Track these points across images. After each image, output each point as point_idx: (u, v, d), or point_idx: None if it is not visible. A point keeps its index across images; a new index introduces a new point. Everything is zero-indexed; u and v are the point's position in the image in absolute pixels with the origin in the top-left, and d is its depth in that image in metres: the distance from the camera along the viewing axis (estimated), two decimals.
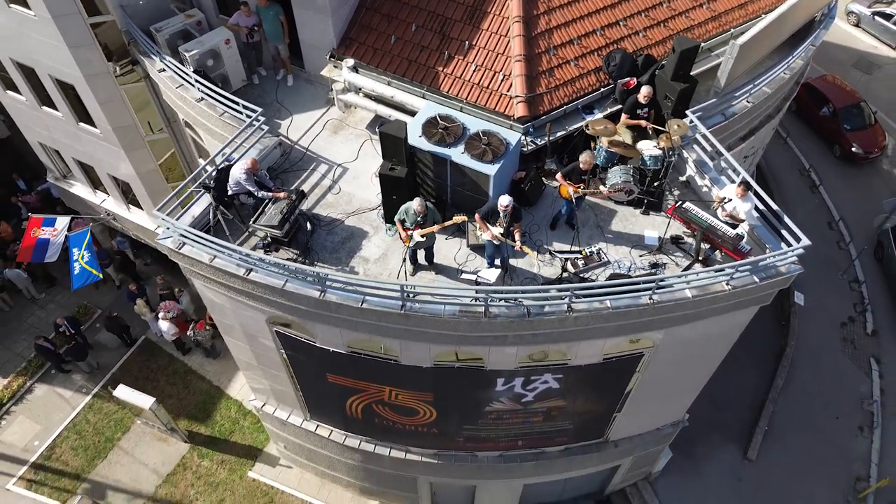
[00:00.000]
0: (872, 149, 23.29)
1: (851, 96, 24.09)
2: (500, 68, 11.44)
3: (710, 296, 9.90)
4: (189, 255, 10.24)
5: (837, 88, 24.32)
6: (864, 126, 23.48)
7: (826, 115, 23.95)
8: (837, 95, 24.01)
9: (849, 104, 23.76)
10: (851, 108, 23.70)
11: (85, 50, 13.44)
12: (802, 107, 24.62)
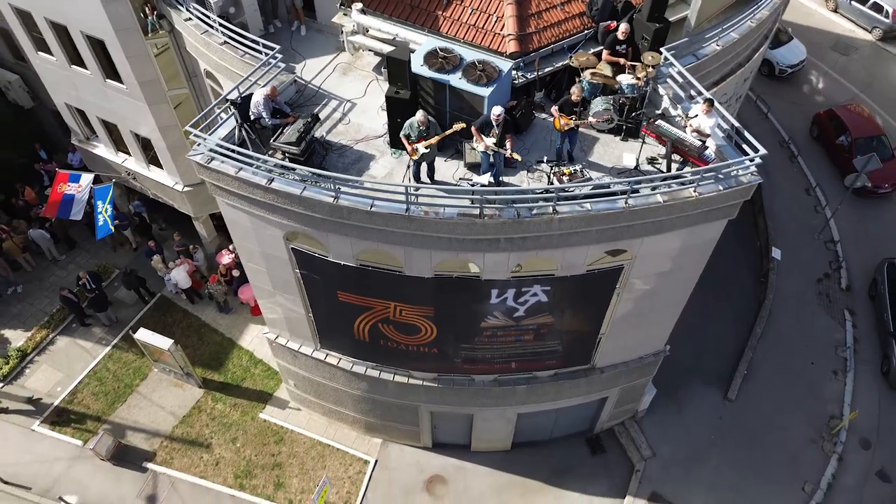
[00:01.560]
0: (883, 183, 22.72)
1: (871, 128, 23.73)
2: (494, 11, 12.78)
3: (679, 202, 11.17)
4: (217, 169, 11.51)
5: (859, 118, 23.90)
6: (881, 159, 21.95)
7: (843, 144, 23.49)
8: (857, 125, 23.50)
9: (866, 135, 23.31)
10: (869, 140, 23.16)
11: (116, 4, 14.77)
12: (822, 132, 24.32)
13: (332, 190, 11.01)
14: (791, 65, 26.54)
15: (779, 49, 26.52)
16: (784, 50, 26.58)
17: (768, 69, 26.62)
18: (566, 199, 10.88)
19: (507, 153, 10.80)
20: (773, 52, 26.40)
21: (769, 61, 26.48)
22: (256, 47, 12.84)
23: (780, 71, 26.57)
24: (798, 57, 26.63)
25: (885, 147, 23.23)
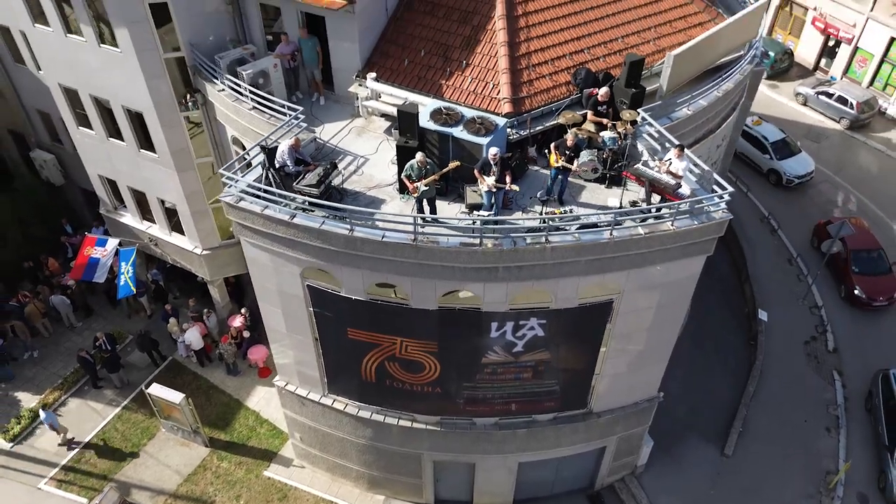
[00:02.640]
0: (878, 296, 22.93)
1: (869, 241, 24.06)
2: (491, 79, 14.67)
3: (658, 234, 12.46)
4: (245, 209, 12.89)
5: (858, 230, 23.94)
6: (876, 272, 23.22)
7: (840, 255, 23.91)
8: (855, 237, 23.52)
9: (863, 248, 23.72)
10: (865, 252, 23.62)
11: (158, 80, 16.76)
12: (821, 242, 24.12)
13: (347, 223, 12.32)
14: (798, 175, 27.33)
15: (787, 160, 27.49)
16: (793, 161, 27.53)
17: (776, 178, 27.64)
18: (557, 229, 12.16)
19: (506, 187, 12.20)
20: (782, 162, 27.39)
21: (776, 171, 27.58)
22: (281, 110, 14.60)
23: (788, 181, 27.36)
24: (806, 168, 27.41)
25: (883, 261, 23.54)
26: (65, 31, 17.06)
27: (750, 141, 28.43)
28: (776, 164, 27.60)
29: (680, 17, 16.83)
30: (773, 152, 27.78)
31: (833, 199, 27.66)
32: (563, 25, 15.63)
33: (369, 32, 15.51)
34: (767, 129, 28.56)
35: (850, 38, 31.75)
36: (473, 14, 15.47)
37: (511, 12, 15.30)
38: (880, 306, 23.25)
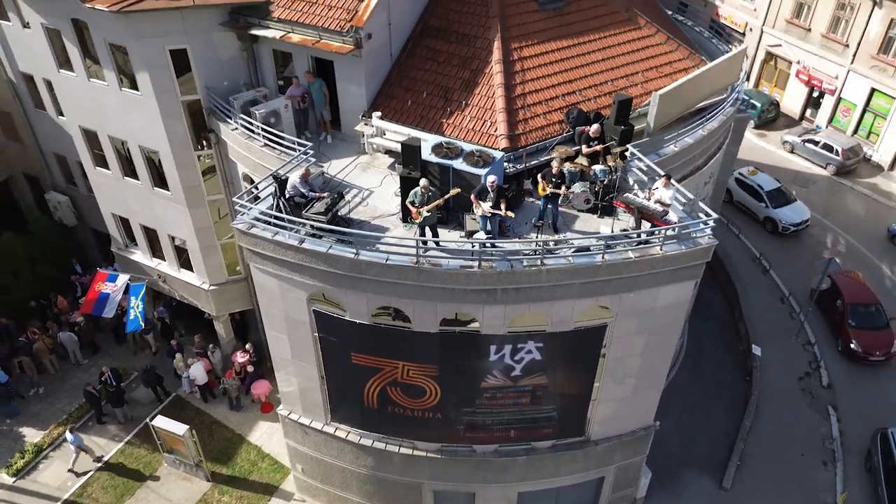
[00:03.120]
0: (874, 351, 22.93)
1: (866, 295, 24.21)
2: (488, 118, 15.65)
3: (648, 258, 13.15)
4: (256, 235, 13.61)
5: (855, 284, 24.49)
6: (873, 326, 23.33)
7: (838, 308, 24.11)
8: (851, 291, 24.08)
9: (860, 301, 23.85)
10: (863, 306, 23.73)
11: (174, 121, 17.76)
12: (821, 297, 24.47)
13: (353, 247, 13.03)
14: (794, 223, 27.87)
15: (783, 208, 28.11)
16: (788, 209, 28.12)
17: (772, 226, 28.19)
18: (551, 252, 12.86)
19: (502, 213, 12.96)
20: (777, 210, 28.02)
21: (773, 219, 28.20)
22: (292, 146, 15.52)
23: (784, 228, 27.92)
24: (801, 216, 27.96)
25: (881, 315, 23.58)
26: (88, 76, 18.18)
27: (746, 190, 29.33)
28: (772, 212, 28.33)
29: (665, 63, 17.96)
30: (769, 201, 28.54)
31: (823, 241, 28.44)
32: (556, 70, 16.72)
33: (375, 76, 16.58)
34: (763, 178, 29.48)
35: (833, 89, 33.18)
36: (472, 59, 16.57)
37: (507, 57, 16.41)
38: (877, 361, 23.08)
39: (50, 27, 17.97)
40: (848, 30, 31.80)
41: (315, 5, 16.16)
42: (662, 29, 18.81)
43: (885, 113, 31.58)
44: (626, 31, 18.09)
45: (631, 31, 18.16)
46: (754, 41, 36.40)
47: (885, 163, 32.01)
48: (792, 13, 34.15)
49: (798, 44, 34.23)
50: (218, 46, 17.02)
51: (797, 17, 34.00)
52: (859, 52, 31.57)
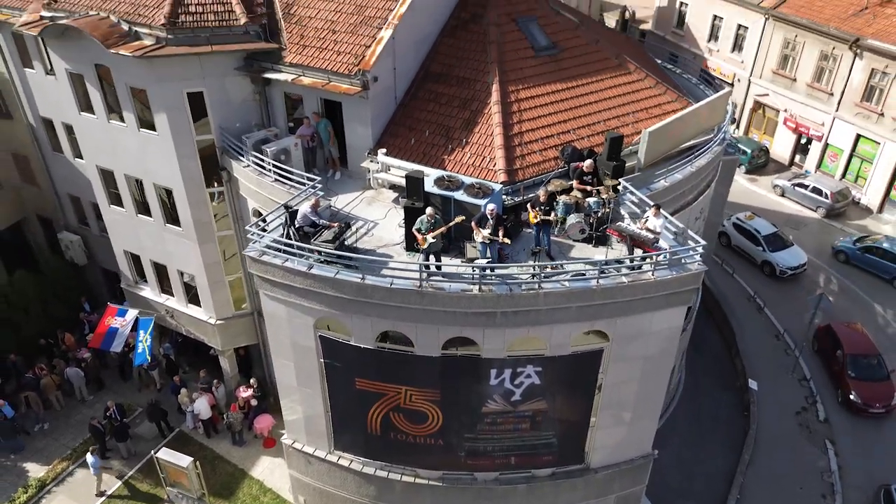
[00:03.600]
0: (874, 403, 22.75)
1: (866, 346, 24.05)
2: (487, 154, 16.52)
3: (641, 283, 13.78)
4: (267, 262, 14.28)
5: (855, 335, 24.39)
6: (873, 378, 23.16)
7: (838, 359, 24.04)
8: (851, 342, 24.01)
9: (861, 353, 23.72)
10: (863, 357, 23.60)
11: (189, 160, 18.66)
12: (822, 347, 24.95)
13: (359, 272, 13.68)
14: (791, 266, 28.37)
15: (780, 252, 28.69)
16: (785, 253, 28.73)
17: (770, 270, 28.71)
18: (548, 276, 13.50)
19: (500, 240, 13.65)
20: (775, 254, 28.59)
21: (770, 263, 28.79)
22: (301, 180, 16.35)
23: (781, 272, 28.42)
24: (798, 260, 28.50)
25: (881, 367, 23.44)
26: (108, 118, 19.19)
27: (744, 234, 30.00)
28: (769, 255, 28.87)
29: (654, 105, 18.97)
30: (766, 245, 29.15)
31: (815, 281, 29.07)
32: (551, 110, 17.70)
33: (380, 116, 17.56)
34: (759, 223, 30.18)
35: (820, 135, 34.42)
36: (472, 101, 17.58)
37: (505, 99, 17.41)
38: (878, 413, 22.91)
39: (74, 72, 19.06)
40: (832, 79, 33.23)
41: (325, 51, 17.26)
42: (652, 74, 19.92)
43: (870, 157, 32.69)
44: (616, 76, 19.17)
45: (621, 75, 19.24)
46: (742, 91, 37.90)
47: (874, 205, 32.93)
48: (777, 64, 35.71)
49: (784, 93, 35.67)
50: (232, 89, 18.06)
51: (783, 68, 35.54)
52: (843, 100, 32.91)
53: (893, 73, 30.57)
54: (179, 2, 17.31)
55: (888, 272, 28.47)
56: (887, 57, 30.56)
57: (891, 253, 28.47)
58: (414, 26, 17.81)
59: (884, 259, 28.61)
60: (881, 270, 28.71)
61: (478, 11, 19.16)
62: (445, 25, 19.20)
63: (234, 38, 17.49)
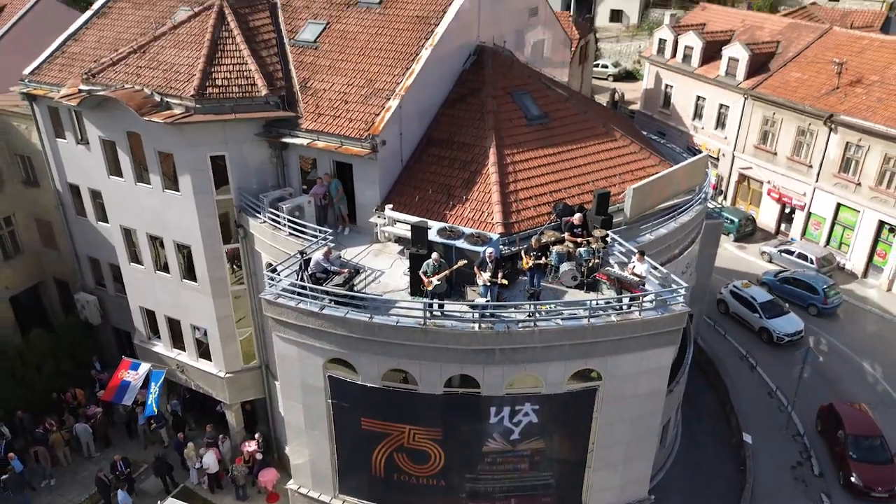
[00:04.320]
0: (876, 486, 22.00)
1: (869, 427, 23.51)
2: (485, 209, 17.95)
3: (629, 322, 14.85)
4: (282, 304, 15.40)
5: (858, 415, 23.95)
6: (875, 461, 22.54)
7: (839, 439, 23.53)
8: (854, 422, 23.50)
9: (862, 434, 23.16)
10: (865, 439, 23.02)
11: (209, 218, 20.09)
12: (825, 427, 24.62)
13: (367, 312, 14.78)
14: (788, 333, 28.86)
15: (776, 319, 29.32)
16: (782, 320, 29.31)
17: (768, 336, 29.26)
18: (544, 312, 14.61)
19: (498, 281, 14.83)
20: (771, 321, 29.21)
21: (767, 329, 29.41)
22: (314, 233, 17.70)
23: (778, 338, 28.92)
24: (795, 327, 29.06)
25: (884, 450, 22.84)
26: (135, 180, 20.77)
27: (741, 301, 30.82)
28: (766, 322, 29.54)
29: (639, 167, 20.56)
30: (763, 312, 29.74)
31: (804, 340, 29.94)
32: (544, 171, 19.28)
33: (387, 177, 19.12)
34: (756, 290, 30.85)
35: (803, 205, 36.15)
36: (471, 163, 19.18)
37: (501, 161, 19.01)
38: (880, 498, 22.07)
39: (107, 140, 20.79)
40: (810, 152, 35.30)
41: (338, 118, 19.03)
42: (636, 141, 21.68)
43: (852, 225, 34.26)
44: (603, 142, 20.89)
45: (608, 141, 20.97)
46: (728, 165, 40.03)
47: (859, 271, 34.21)
48: (759, 139, 37.95)
49: (766, 166, 37.72)
50: (252, 153, 19.72)
51: (764, 143, 37.75)
52: (822, 171, 34.86)
53: (867, 145, 32.61)
54: (207, 75, 19.23)
55: (803, 300, 31.44)
56: (860, 131, 32.68)
57: (803, 282, 31.65)
58: (419, 98, 19.66)
59: (797, 288, 31.77)
60: (796, 298, 31.53)
61: (476, 87, 21.12)
62: (447, 99, 21.11)
63: (256, 108, 19.30)
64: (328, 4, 22.30)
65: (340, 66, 20.41)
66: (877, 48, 35.80)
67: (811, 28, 39.63)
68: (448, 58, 20.82)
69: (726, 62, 39.36)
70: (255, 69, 19.74)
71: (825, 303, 30.92)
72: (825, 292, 31.00)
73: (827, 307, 30.95)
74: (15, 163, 27.10)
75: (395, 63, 19.83)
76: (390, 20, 21.12)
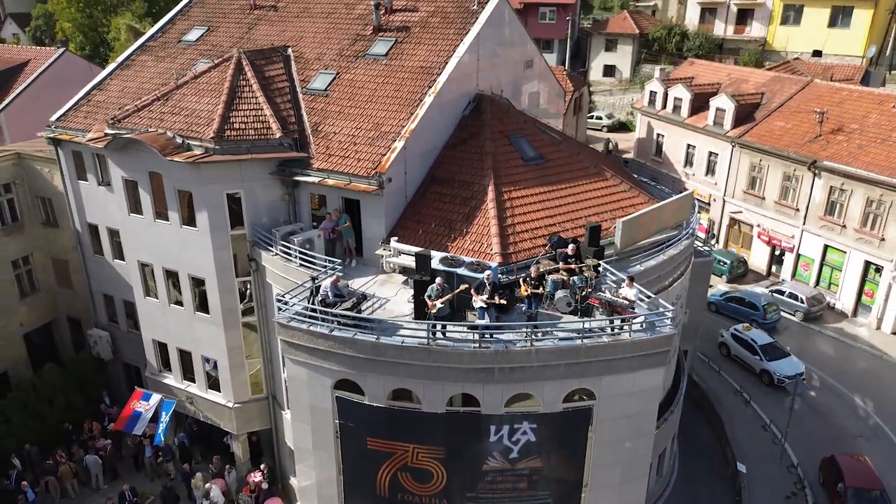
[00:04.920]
0: None
1: (870, 479, 23.18)
2: (485, 241, 19.15)
3: (620, 343, 15.83)
4: (294, 327, 16.41)
5: (859, 467, 23.66)
6: None
7: (839, 492, 23.21)
8: (854, 474, 23.18)
9: (862, 486, 22.81)
10: (865, 492, 22.68)
11: (223, 251, 21.27)
12: (826, 479, 24.37)
13: (374, 333, 15.79)
14: (788, 375, 28.74)
15: (777, 361, 29.56)
16: (783, 363, 29.52)
17: (769, 379, 29.39)
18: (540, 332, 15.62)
19: (496, 302, 15.87)
20: (772, 363, 29.46)
21: (768, 371, 29.72)
22: (323, 263, 18.84)
23: (779, 380, 28.96)
24: (795, 369, 29.00)
25: (884, 502, 22.50)
26: (154, 217, 22.04)
27: (742, 344, 31.17)
28: (766, 364, 29.62)
29: (629, 204, 21.84)
30: (763, 354, 29.97)
31: None
32: (539, 207, 20.56)
33: (392, 212, 20.39)
34: (756, 333, 31.22)
35: (792, 247, 37.41)
36: (471, 199, 20.48)
37: (500, 198, 20.31)
38: None
39: (129, 179, 22.16)
40: (796, 197, 36.76)
41: (347, 158, 20.42)
42: (626, 180, 23.06)
43: (839, 265, 35.42)
44: (595, 181, 22.26)
45: (600, 181, 22.34)
46: (719, 209, 41.48)
47: (848, 310, 35.18)
48: (747, 185, 39.50)
49: (756, 210, 39.16)
50: (265, 190, 21.04)
51: (752, 188, 39.28)
52: (809, 214, 36.24)
53: (850, 189, 34.07)
54: (226, 119, 20.73)
55: (745, 316, 34.20)
56: (842, 176, 34.21)
57: (745, 300, 34.81)
58: (422, 140, 21.12)
59: (741, 306, 34.70)
60: (740, 315, 34.37)
61: (475, 130, 22.64)
62: (448, 141, 22.59)
63: (271, 149, 20.74)
64: (338, 57, 24.06)
65: (349, 111, 21.96)
66: (856, 99, 37.72)
67: (794, 80, 41.74)
68: (449, 104, 22.39)
69: (714, 112, 41.29)
70: (270, 114, 21.26)
71: (764, 318, 33.61)
72: (765, 309, 33.86)
73: (766, 322, 33.56)
74: (36, 205, 28.43)
75: (401, 109, 21.37)
76: (395, 70, 22.80)
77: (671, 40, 61.40)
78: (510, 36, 25.37)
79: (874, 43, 52.89)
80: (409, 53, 23.24)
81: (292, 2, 27.52)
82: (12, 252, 27.98)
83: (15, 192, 27.89)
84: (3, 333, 27.82)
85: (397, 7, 25.05)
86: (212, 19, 28.36)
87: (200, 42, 27.28)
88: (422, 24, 24.11)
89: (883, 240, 32.91)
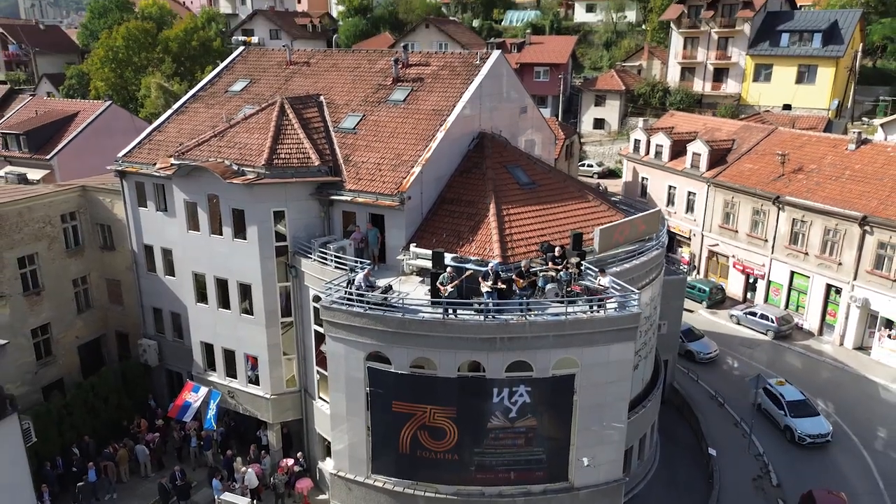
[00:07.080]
0: None
1: None
2: (487, 246, 23.35)
3: (597, 318, 19.83)
4: (336, 308, 20.43)
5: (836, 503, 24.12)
6: None
7: None
8: None
9: None
10: None
11: (268, 260, 25.42)
12: None
13: (401, 311, 19.81)
14: (810, 434, 28.99)
15: (801, 419, 29.61)
16: (807, 421, 29.52)
17: (791, 435, 29.52)
18: (534, 309, 19.65)
19: (499, 287, 19.92)
20: (795, 420, 29.59)
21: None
22: (355, 265, 22.98)
23: (800, 438, 29.14)
24: (819, 429, 29.21)
25: None
26: (210, 232, 26.28)
27: (771, 398, 31.13)
28: (789, 420, 29.84)
29: (608, 220, 26.04)
30: (788, 410, 30.10)
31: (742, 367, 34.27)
32: (532, 221, 24.82)
33: (411, 225, 24.65)
34: (788, 389, 31.30)
35: (763, 274, 41.52)
36: (476, 215, 24.76)
37: (500, 213, 24.59)
38: None
39: (189, 201, 26.52)
40: (764, 229, 41.14)
41: (374, 181, 24.84)
42: (606, 202, 27.43)
43: (805, 289, 39.47)
44: (579, 202, 26.62)
45: (583, 202, 26.70)
46: (698, 243, 45.80)
47: (814, 329, 39.03)
48: (722, 220, 43.95)
49: (730, 242, 43.48)
50: (305, 208, 25.35)
51: (726, 223, 43.70)
52: (776, 244, 40.53)
53: (810, 220, 38.45)
54: (273, 151, 25.24)
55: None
56: (802, 209, 38.66)
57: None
58: (435, 167, 25.57)
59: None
60: None
61: (478, 161, 27.11)
62: (456, 170, 27.04)
63: (310, 174, 25.17)
64: (363, 102, 28.83)
65: (374, 145, 26.52)
66: (814, 143, 42.61)
67: (761, 128, 46.79)
68: (457, 140, 26.97)
69: (691, 156, 46.16)
70: (310, 146, 25.81)
71: None
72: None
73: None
74: (95, 231, 32.71)
75: (418, 142, 25.93)
76: (412, 113, 27.50)
77: (655, 96, 67.21)
78: (507, 86, 30.20)
79: (837, 97, 58.44)
80: (423, 99, 27.97)
81: (323, 58, 32.58)
82: (73, 272, 32.06)
83: (78, 219, 32.19)
84: (62, 344, 31.64)
85: (413, 62, 29.98)
86: (253, 73, 33.35)
87: (244, 92, 32.16)
88: (433, 75, 28.96)
89: (840, 264, 37.09)
